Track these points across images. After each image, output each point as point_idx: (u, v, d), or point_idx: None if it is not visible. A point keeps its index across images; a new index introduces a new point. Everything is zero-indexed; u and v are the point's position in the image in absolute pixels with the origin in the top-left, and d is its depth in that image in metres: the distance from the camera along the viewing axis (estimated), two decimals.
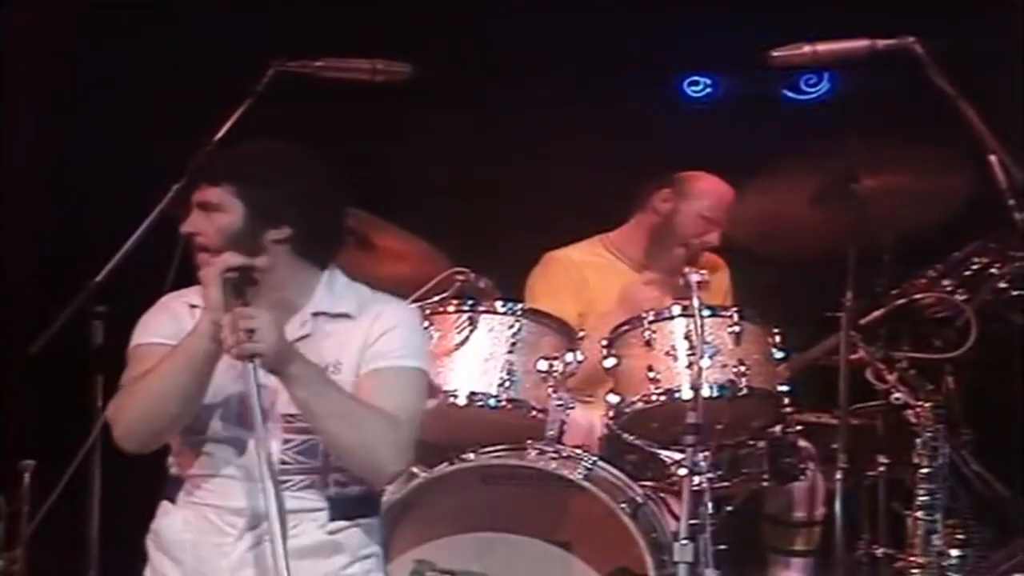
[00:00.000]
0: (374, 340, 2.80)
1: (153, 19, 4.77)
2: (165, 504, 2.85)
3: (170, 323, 2.81)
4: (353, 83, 3.85)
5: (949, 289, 3.68)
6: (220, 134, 3.64)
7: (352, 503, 2.81)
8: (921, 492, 3.56)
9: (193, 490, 2.81)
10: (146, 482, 3.79)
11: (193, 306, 2.82)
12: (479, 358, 3.63)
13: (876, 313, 3.72)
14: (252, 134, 3.56)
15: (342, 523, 2.79)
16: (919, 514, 3.55)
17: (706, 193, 4.18)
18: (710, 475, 3.54)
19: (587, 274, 4.22)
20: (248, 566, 2.73)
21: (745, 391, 3.61)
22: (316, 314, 2.82)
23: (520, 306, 3.72)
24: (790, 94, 5.29)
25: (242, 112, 3.68)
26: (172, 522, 2.81)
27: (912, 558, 3.58)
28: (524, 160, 4.98)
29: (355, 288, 2.88)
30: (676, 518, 3.56)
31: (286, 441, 2.77)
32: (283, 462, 2.76)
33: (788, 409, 3.71)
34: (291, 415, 2.76)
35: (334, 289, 2.85)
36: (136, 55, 4.76)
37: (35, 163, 4.84)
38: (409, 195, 4.65)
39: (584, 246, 4.33)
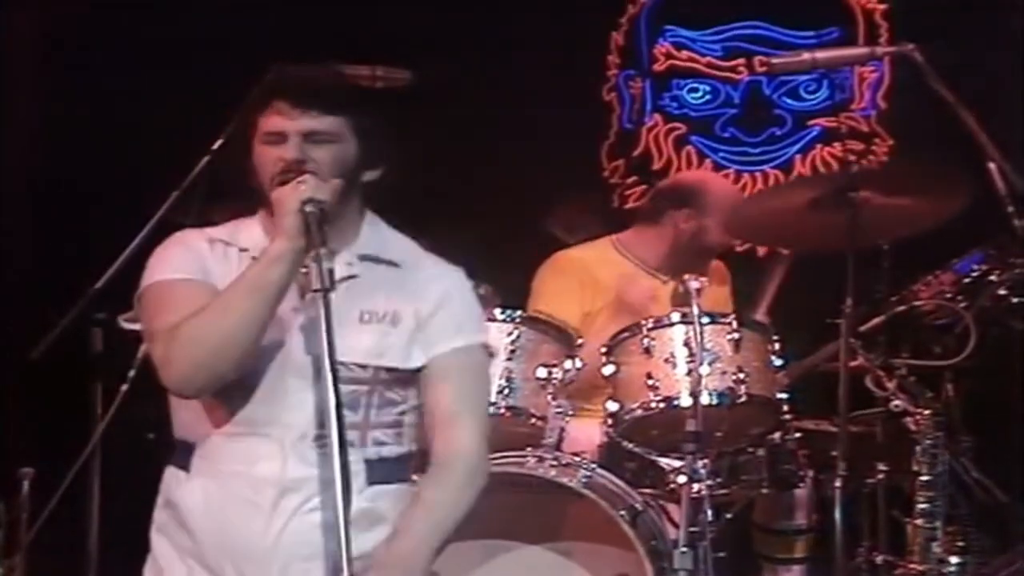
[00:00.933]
0: (433, 310, 2.61)
1: (153, 20, 4.75)
2: (175, 472, 2.57)
3: (193, 260, 2.57)
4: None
5: (948, 296, 3.66)
6: (220, 140, 3.63)
7: (390, 465, 2.57)
8: (921, 499, 3.55)
9: (213, 454, 2.53)
10: (146, 489, 3.79)
11: (217, 241, 2.60)
12: None
13: (875, 320, 3.69)
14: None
15: (381, 488, 2.55)
16: (919, 521, 3.54)
17: (726, 204, 4.14)
18: (709, 482, 3.53)
19: (597, 273, 4.19)
20: (286, 546, 2.47)
21: (744, 398, 3.59)
22: (363, 257, 2.61)
23: (519, 313, 3.71)
24: (789, 101, 5.29)
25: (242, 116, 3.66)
26: (189, 492, 2.53)
27: (912, 565, 3.57)
28: (526, 165, 4.97)
29: (400, 237, 2.70)
30: (676, 525, 3.55)
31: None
32: (323, 413, 2.46)
33: (787, 416, 3.70)
34: (340, 362, 2.46)
35: (380, 233, 2.66)
36: (136, 58, 4.74)
37: (35, 166, 4.83)
38: (411, 200, 4.64)
39: (594, 246, 4.32)
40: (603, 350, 3.71)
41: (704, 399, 3.53)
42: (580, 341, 3.75)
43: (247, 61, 3.78)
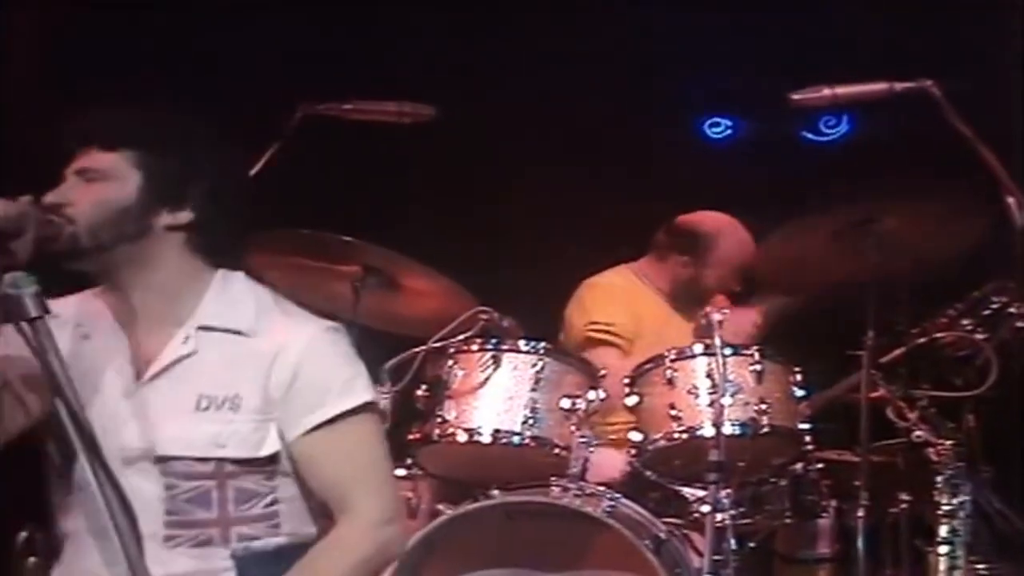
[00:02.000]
0: (286, 387, 2.29)
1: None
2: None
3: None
4: (380, 124, 3.88)
5: (969, 328, 3.65)
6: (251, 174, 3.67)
7: (264, 560, 2.30)
8: (943, 528, 3.52)
9: (73, 553, 2.34)
10: None
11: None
12: (503, 396, 3.62)
13: (897, 352, 3.70)
14: (282, 175, 3.60)
15: None
16: (941, 550, 3.51)
17: (726, 258, 4.25)
18: (732, 512, 3.53)
19: (627, 300, 4.28)
20: None
21: (767, 429, 3.60)
22: (203, 328, 2.31)
23: (543, 345, 3.72)
24: (809, 135, 5.31)
25: (272, 154, 3.70)
26: None
27: None
28: (549, 198, 5.00)
29: (254, 296, 2.37)
30: (699, 554, 3.55)
31: (169, 487, 2.27)
32: (169, 512, 2.27)
33: (809, 447, 3.69)
34: (172, 456, 2.27)
35: (227, 297, 2.34)
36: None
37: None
38: (434, 234, 4.67)
39: (615, 272, 4.40)
40: (626, 380, 3.73)
41: (727, 429, 3.53)
42: (603, 372, 3.77)
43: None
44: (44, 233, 2.22)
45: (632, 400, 3.69)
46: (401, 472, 3.58)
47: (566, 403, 3.63)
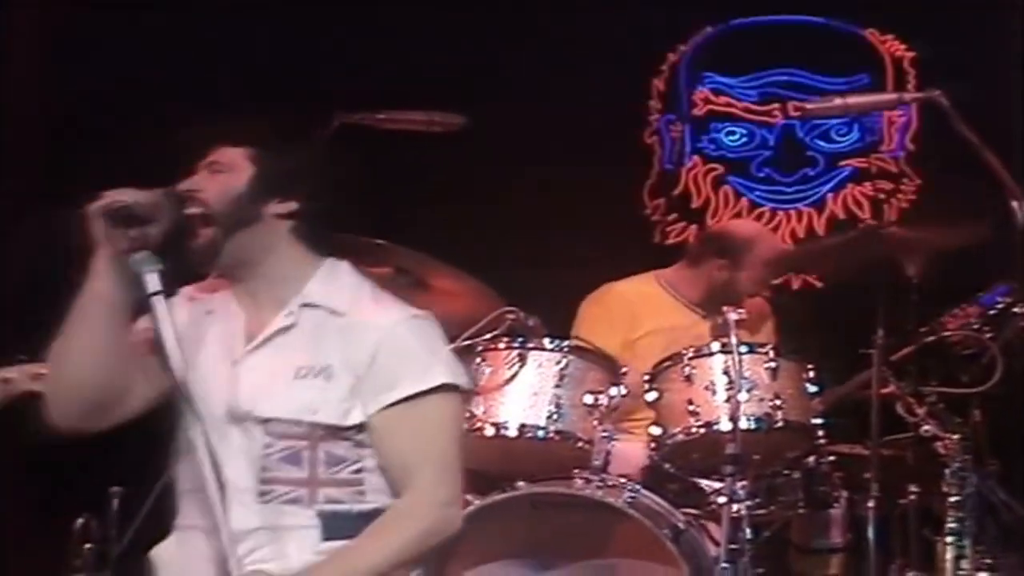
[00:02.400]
0: (368, 364, 2.44)
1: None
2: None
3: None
4: (411, 133, 3.94)
5: (975, 327, 3.70)
6: None
7: (348, 521, 2.44)
8: (950, 519, 3.58)
9: (180, 511, 2.51)
10: None
11: (191, 299, 2.54)
12: (528, 392, 3.67)
13: (906, 350, 3.76)
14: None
15: (338, 543, 2.42)
16: (948, 540, 3.56)
17: (763, 263, 4.28)
18: (748, 503, 3.59)
19: (637, 308, 4.31)
20: None
21: (781, 424, 3.66)
22: (304, 305, 2.49)
23: (567, 343, 3.78)
24: (821, 143, 5.38)
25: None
26: (163, 549, 2.54)
27: None
28: (573, 206, 5.06)
29: (356, 283, 2.55)
30: (716, 543, 3.62)
31: (266, 446, 2.43)
32: (264, 468, 2.43)
33: (822, 440, 3.75)
34: (271, 418, 2.43)
35: (331, 281, 2.52)
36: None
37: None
38: (462, 236, 4.73)
39: (639, 280, 4.43)
40: (646, 377, 3.78)
41: (743, 424, 3.59)
42: (624, 369, 3.84)
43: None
44: (177, 221, 2.43)
45: (652, 396, 3.75)
46: None
47: (589, 399, 3.68)
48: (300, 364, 2.47)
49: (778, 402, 3.66)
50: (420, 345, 2.52)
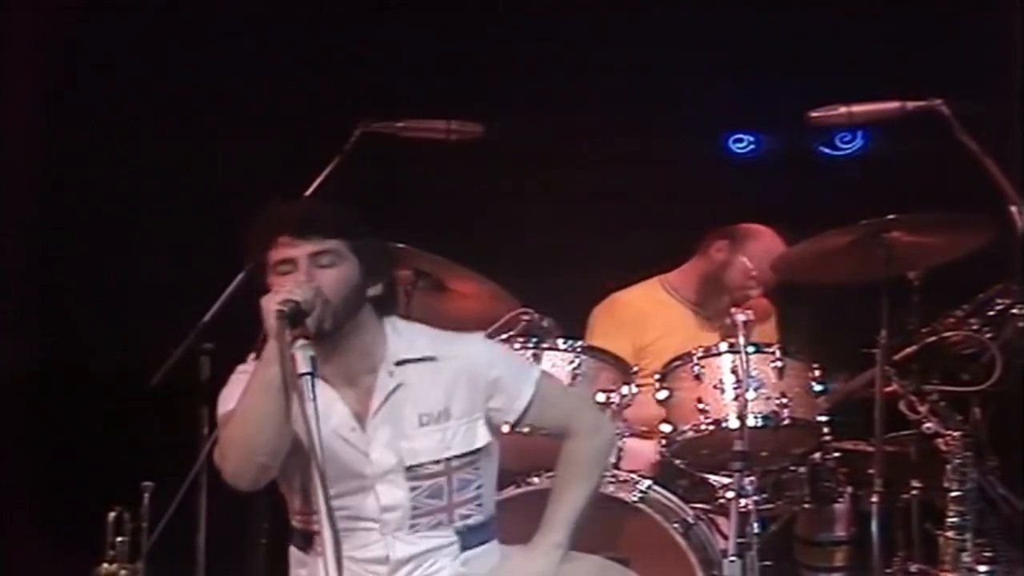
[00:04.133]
0: (490, 389, 2.80)
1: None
2: (298, 554, 2.82)
3: None
4: (430, 142, 3.96)
5: (975, 328, 3.71)
6: (310, 190, 3.74)
7: (477, 531, 2.81)
8: (952, 513, 3.58)
9: (324, 543, 2.63)
10: (245, 501, 3.94)
11: None
12: None
13: (908, 350, 3.76)
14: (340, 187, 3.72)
15: (471, 552, 2.80)
16: (950, 534, 3.57)
17: (756, 251, 4.29)
18: (755, 498, 3.63)
19: (645, 314, 4.34)
20: None
21: (787, 421, 3.68)
22: (400, 363, 2.77)
23: (580, 343, 3.80)
24: (826, 150, 5.39)
25: (332, 168, 3.80)
26: (315, 572, 2.73)
27: (944, 574, 3.60)
28: (585, 211, 5.09)
29: (422, 331, 2.85)
30: (724, 537, 3.65)
31: (413, 489, 2.76)
32: (414, 507, 2.75)
33: (827, 437, 3.78)
34: (417, 465, 2.75)
35: (402, 336, 2.79)
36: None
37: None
38: (481, 240, 4.75)
39: (644, 287, 4.45)
40: (656, 376, 3.81)
41: (750, 422, 3.63)
42: (636, 369, 3.86)
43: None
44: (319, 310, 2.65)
45: (662, 394, 3.77)
46: None
47: (601, 397, 3.70)
48: (419, 413, 2.77)
49: (784, 400, 3.69)
50: (510, 353, 3.18)
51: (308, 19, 4.95)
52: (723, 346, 3.75)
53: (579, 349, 3.77)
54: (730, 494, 3.62)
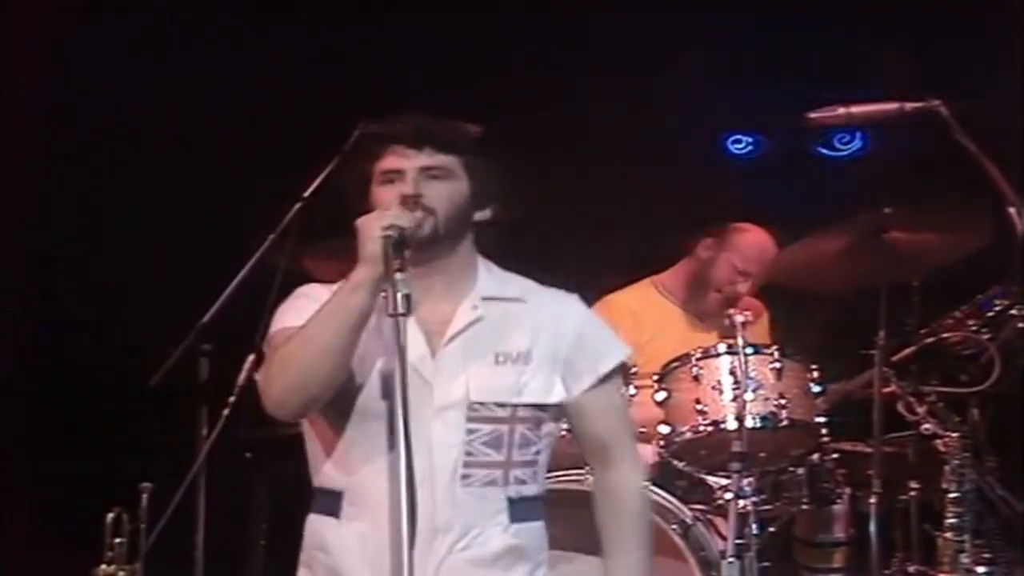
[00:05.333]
0: (573, 345, 2.51)
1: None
2: (323, 519, 2.48)
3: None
4: None
5: (974, 329, 3.72)
6: (310, 191, 3.73)
7: (529, 504, 2.51)
8: (950, 514, 3.59)
9: (364, 500, 2.43)
10: (244, 501, 3.93)
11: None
12: None
13: (907, 351, 3.77)
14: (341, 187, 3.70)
15: (522, 525, 2.49)
16: (948, 534, 3.58)
17: (744, 247, 4.28)
18: (754, 499, 3.63)
19: (638, 315, 4.32)
20: None
21: (786, 422, 3.68)
22: (487, 298, 2.51)
23: None
24: (825, 151, 5.38)
25: (332, 168, 3.79)
26: (344, 539, 2.44)
27: (942, 575, 3.61)
28: (583, 211, 5.09)
29: (515, 276, 2.60)
30: (723, 538, 3.64)
31: (471, 431, 2.45)
32: (468, 454, 2.44)
33: (825, 438, 3.77)
34: (480, 403, 2.45)
35: (495, 275, 2.56)
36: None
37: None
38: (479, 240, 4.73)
39: (637, 288, 4.44)
40: (655, 378, 3.80)
41: (748, 423, 3.62)
42: (635, 370, 3.85)
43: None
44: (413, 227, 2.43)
45: (661, 395, 3.77)
46: None
47: None
48: (496, 351, 2.49)
49: (783, 401, 3.68)
50: (603, 324, 2.65)
51: (308, 20, 4.94)
52: (721, 347, 3.75)
53: None
54: (728, 495, 3.62)
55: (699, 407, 3.69)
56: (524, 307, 2.54)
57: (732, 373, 3.68)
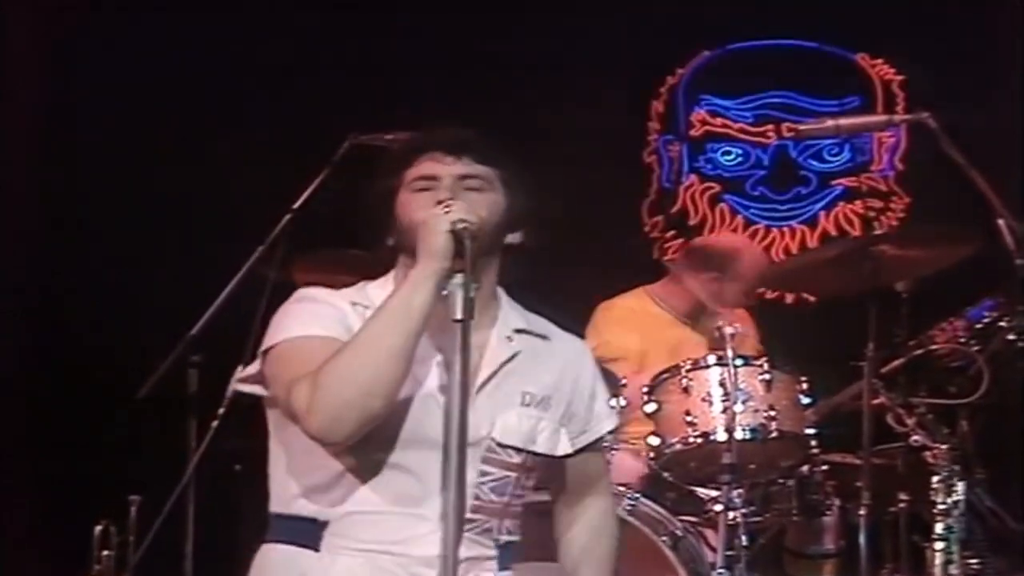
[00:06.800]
0: (591, 392, 2.40)
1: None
2: (297, 552, 2.24)
3: (335, 319, 2.24)
4: None
5: (963, 340, 3.71)
6: (299, 202, 3.74)
7: (513, 550, 2.37)
8: (939, 526, 3.57)
9: (353, 532, 2.22)
10: (234, 512, 3.90)
11: (357, 304, 2.27)
12: None
13: (896, 362, 3.76)
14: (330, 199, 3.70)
15: (504, 574, 2.35)
16: (937, 546, 3.55)
17: (745, 270, 4.29)
18: (744, 510, 3.61)
19: (634, 321, 4.33)
20: None
21: (775, 434, 3.66)
22: (519, 331, 2.35)
23: None
24: (814, 163, 5.39)
25: (322, 180, 3.79)
26: (328, 572, 2.21)
27: None
28: (575, 216, 5.10)
29: (519, 306, 2.43)
30: (713, 550, 3.64)
31: (484, 474, 2.28)
32: (476, 497, 2.27)
33: (815, 450, 3.76)
34: (505, 444, 2.29)
35: (514, 306, 2.39)
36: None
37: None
38: None
39: (632, 296, 4.45)
40: (645, 389, 3.79)
41: (738, 434, 3.61)
42: (624, 381, 3.85)
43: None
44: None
45: (651, 407, 3.76)
46: None
47: None
48: (524, 390, 2.33)
49: (772, 413, 3.67)
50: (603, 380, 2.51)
51: (302, 31, 4.95)
52: (711, 359, 3.74)
53: None
54: (718, 507, 3.60)
55: (689, 419, 3.68)
56: (549, 346, 2.39)
57: (722, 385, 3.66)
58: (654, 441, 3.74)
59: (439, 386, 2.25)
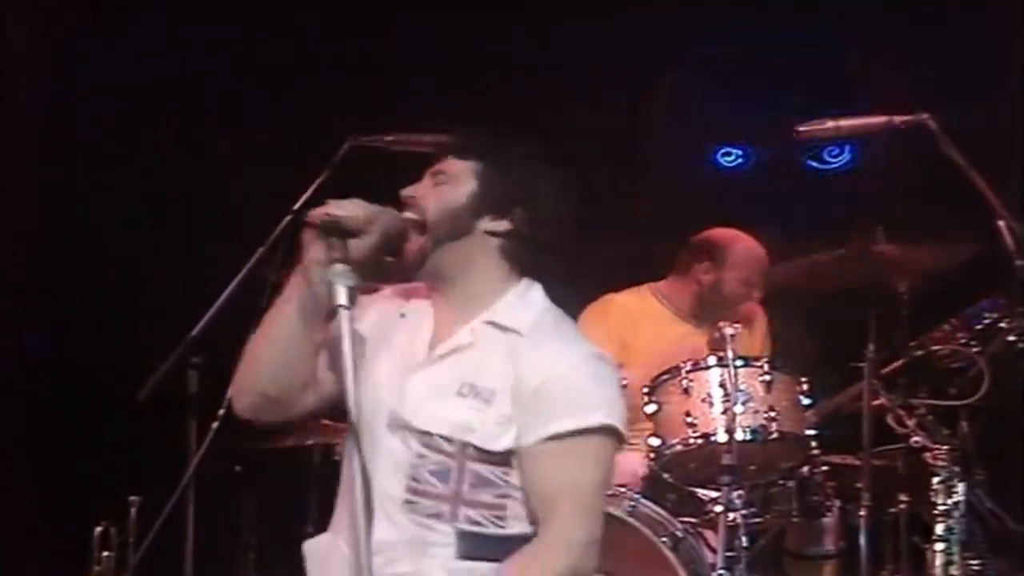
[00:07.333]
0: (534, 392, 2.35)
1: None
2: (323, 535, 2.48)
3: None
4: (420, 155, 3.95)
5: (963, 341, 3.72)
6: (299, 203, 3.75)
7: (485, 543, 2.35)
8: (939, 527, 3.58)
9: (337, 512, 2.44)
10: (234, 513, 3.90)
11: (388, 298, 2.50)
12: None
13: (896, 364, 3.77)
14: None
15: (470, 564, 2.34)
16: (937, 547, 3.57)
17: (744, 261, 4.28)
18: (744, 511, 3.62)
19: (635, 318, 4.33)
20: None
21: (775, 435, 3.67)
22: (488, 323, 2.41)
23: None
24: (814, 164, 5.39)
25: (322, 180, 3.79)
26: (312, 546, 2.46)
27: None
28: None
29: (543, 308, 2.44)
30: (713, 551, 3.64)
31: (419, 456, 2.37)
32: (414, 479, 2.36)
33: (815, 451, 3.76)
34: (426, 431, 2.36)
35: (522, 301, 2.43)
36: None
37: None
38: None
39: (636, 292, 4.45)
40: (645, 390, 3.79)
41: (738, 435, 3.61)
42: (625, 382, 3.83)
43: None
44: (391, 233, 2.39)
45: (651, 408, 3.76)
46: None
47: None
48: (464, 381, 2.39)
49: (772, 414, 3.67)
50: (590, 383, 2.40)
51: (302, 31, 4.95)
52: (711, 360, 3.74)
53: None
54: (718, 508, 3.61)
55: (689, 420, 3.68)
56: (519, 342, 2.40)
57: (722, 386, 3.67)
58: (654, 442, 3.74)
59: (385, 371, 2.42)
